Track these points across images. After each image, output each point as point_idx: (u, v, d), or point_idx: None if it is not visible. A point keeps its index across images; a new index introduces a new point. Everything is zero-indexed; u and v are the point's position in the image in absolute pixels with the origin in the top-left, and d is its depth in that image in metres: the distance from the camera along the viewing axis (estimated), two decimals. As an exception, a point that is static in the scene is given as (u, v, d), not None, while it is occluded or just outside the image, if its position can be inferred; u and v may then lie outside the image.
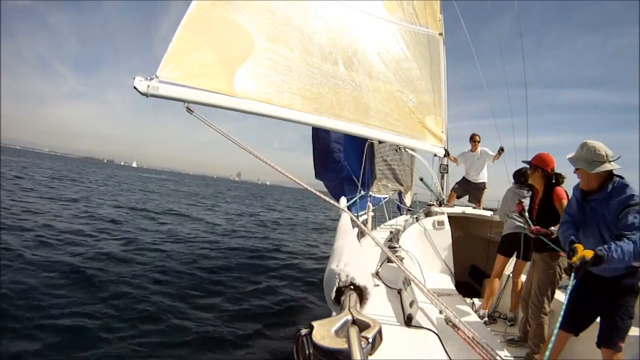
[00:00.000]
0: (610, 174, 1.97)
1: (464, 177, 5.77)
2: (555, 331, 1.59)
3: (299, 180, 1.88)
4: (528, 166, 2.80)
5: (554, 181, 2.64)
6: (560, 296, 2.82)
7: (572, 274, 1.79)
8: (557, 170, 2.65)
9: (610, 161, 1.94)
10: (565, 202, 2.51)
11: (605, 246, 1.76)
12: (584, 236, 2.05)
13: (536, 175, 2.71)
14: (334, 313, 0.77)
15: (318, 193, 1.79)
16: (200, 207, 17.92)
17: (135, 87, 1.67)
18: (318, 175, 5.01)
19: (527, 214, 2.72)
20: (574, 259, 1.76)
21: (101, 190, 18.61)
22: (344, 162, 4.80)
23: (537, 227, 2.50)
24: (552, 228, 2.42)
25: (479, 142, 5.54)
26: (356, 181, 4.30)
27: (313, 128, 4.56)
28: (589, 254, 1.74)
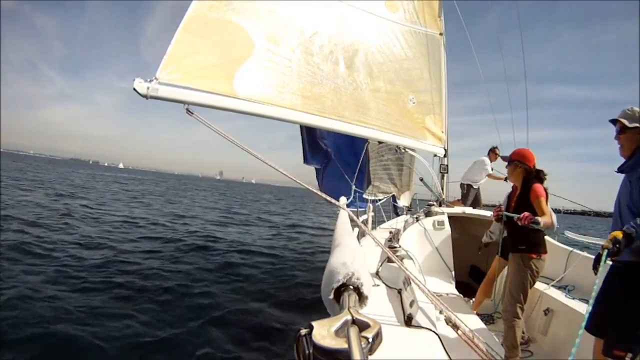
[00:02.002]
0: None
1: (471, 186, 5.80)
2: (580, 331, 1.39)
3: (298, 179, 1.89)
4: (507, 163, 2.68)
5: (533, 177, 2.54)
6: (560, 296, 2.83)
7: (605, 253, 1.62)
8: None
9: None
10: (543, 199, 2.41)
11: (632, 223, 1.65)
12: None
13: (517, 172, 2.60)
14: (329, 312, 0.77)
15: (316, 191, 1.79)
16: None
17: (135, 89, 1.68)
18: (306, 160, 5.17)
19: (504, 216, 2.59)
20: (605, 243, 1.64)
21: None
22: (329, 149, 4.94)
23: (527, 213, 2.33)
24: (539, 218, 2.30)
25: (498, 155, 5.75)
26: (345, 176, 4.30)
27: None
28: (618, 234, 1.64)
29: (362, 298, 0.77)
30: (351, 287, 0.77)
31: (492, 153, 5.83)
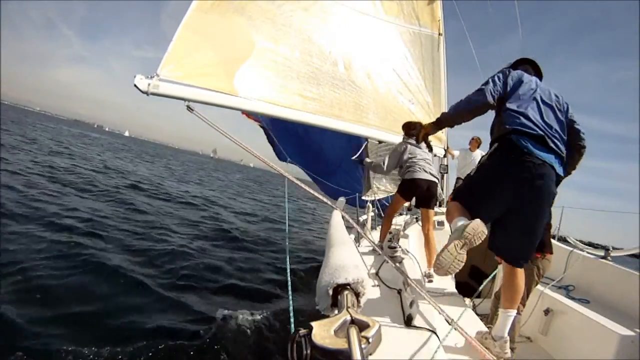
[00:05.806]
0: None
1: (458, 178, 5.93)
2: None
3: (293, 177, 1.89)
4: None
5: None
6: (560, 296, 2.82)
7: None
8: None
9: None
10: None
11: None
12: None
13: None
14: (317, 301, 0.77)
15: (313, 192, 1.79)
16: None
17: (135, 85, 1.68)
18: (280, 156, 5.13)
19: None
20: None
21: None
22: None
23: None
24: None
25: (479, 144, 5.88)
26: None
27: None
28: None
29: (359, 297, 0.77)
30: (352, 289, 0.76)
31: (474, 141, 5.98)
